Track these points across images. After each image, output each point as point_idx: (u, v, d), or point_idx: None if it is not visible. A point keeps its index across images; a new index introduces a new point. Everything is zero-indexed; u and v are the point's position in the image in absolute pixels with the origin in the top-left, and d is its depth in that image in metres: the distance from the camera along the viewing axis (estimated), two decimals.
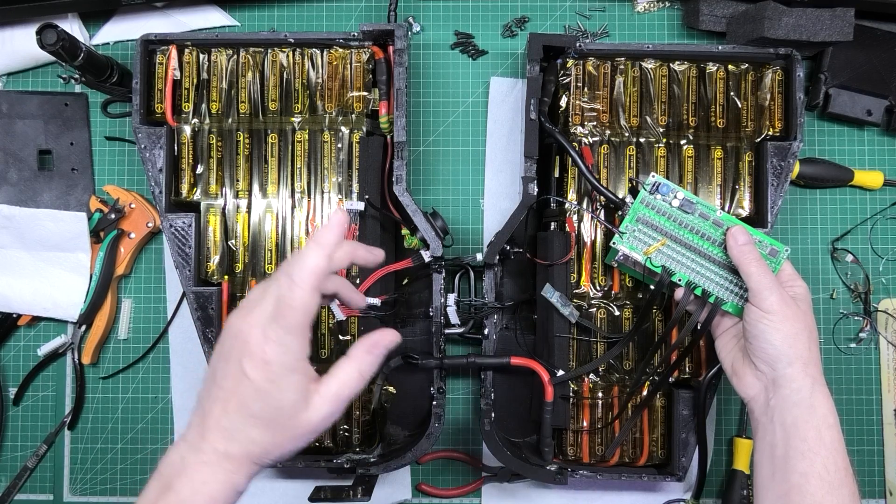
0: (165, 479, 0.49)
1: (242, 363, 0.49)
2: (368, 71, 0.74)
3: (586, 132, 0.73)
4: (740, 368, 0.64)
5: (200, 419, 0.50)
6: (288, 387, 0.49)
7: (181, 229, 0.73)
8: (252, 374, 0.48)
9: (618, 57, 0.74)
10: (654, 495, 0.80)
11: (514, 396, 0.76)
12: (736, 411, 0.81)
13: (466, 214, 0.82)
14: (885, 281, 0.81)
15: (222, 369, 0.50)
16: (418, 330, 0.79)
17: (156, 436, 0.82)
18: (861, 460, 0.80)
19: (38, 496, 0.82)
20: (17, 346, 0.83)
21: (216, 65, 0.74)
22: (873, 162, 0.82)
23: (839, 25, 0.73)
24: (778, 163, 0.72)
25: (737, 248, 0.64)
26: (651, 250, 0.68)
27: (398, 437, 0.79)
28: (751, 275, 0.62)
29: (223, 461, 0.48)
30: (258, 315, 0.49)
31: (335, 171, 0.74)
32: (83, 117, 0.82)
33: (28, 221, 0.78)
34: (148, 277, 0.83)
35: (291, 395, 0.49)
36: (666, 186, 0.68)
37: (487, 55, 0.82)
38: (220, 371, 0.50)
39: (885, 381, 0.81)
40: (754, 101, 0.74)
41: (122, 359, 0.82)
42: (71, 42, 0.71)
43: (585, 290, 0.74)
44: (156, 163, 0.73)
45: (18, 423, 0.83)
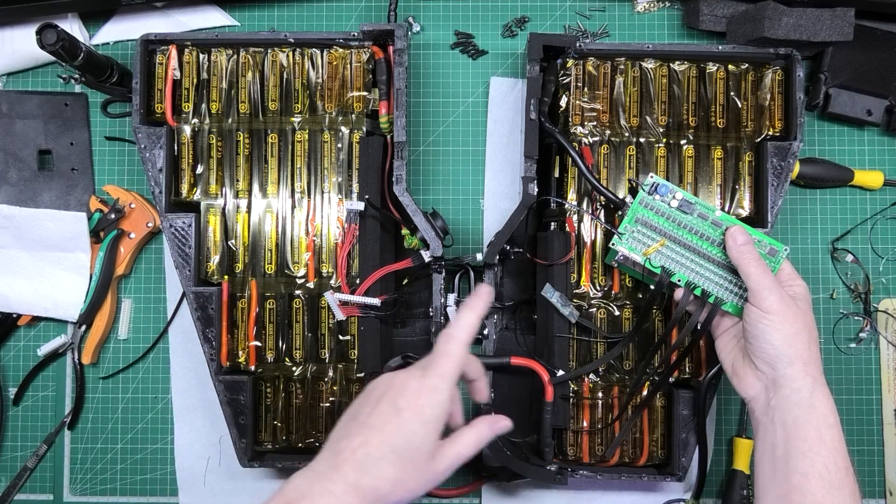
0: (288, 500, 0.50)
1: (397, 402, 0.53)
2: (368, 71, 0.74)
3: (586, 132, 0.73)
4: (740, 368, 0.64)
5: (333, 454, 0.52)
6: (432, 433, 0.53)
7: (181, 229, 0.73)
8: (405, 414, 0.52)
9: (618, 57, 0.74)
10: (654, 495, 0.80)
11: (514, 396, 0.76)
12: (736, 411, 0.81)
13: (466, 214, 0.82)
14: (885, 281, 0.81)
15: (370, 408, 0.54)
16: (418, 330, 0.79)
17: (156, 436, 0.82)
18: (861, 460, 0.80)
19: (38, 496, 0.82)
20: (17, 346, 0.83)
21: (216, 65, 0.74)
22: (873, 162, 0.82)
23: (839, 25, 0.73)
24: (778, 163, 0.72)
25: (735, 248, 0.64)
26: (650, 251, 0.68)
27: None
28: (750, 275, 0.62)
29: (350, 492, 0.50)
30: (412, 370, 0.55)
31: (335, 171, 0.74)
32: (83, 117, 0.82)
33: (28, 221, 0.78)
34: (148, 277, 0.83)
35: (430, 443, 0.53)
36: (664, 187, 0.68)
37: (487, 55, 0.82)
38: (366, 410, 0.54)
39: (885, 381, 0.81)
40: (754, 101, 0.74)
41: (122, 359, 0.82)
42: (71, 42, 0.71)
43: (585, 290, 0.74)
44: (156, 163, 0.73)
45: (18, 423, 0.83)
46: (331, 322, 0.74)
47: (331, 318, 0.74)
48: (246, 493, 0.81)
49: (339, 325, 0.74)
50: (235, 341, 0.74)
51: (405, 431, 0.52)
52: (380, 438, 0.52)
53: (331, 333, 0.74)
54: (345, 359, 0.75)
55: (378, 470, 0.51)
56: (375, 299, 0.71)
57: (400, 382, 0.54)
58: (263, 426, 0.75)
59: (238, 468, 0.74)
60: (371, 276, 0.71)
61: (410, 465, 0.52)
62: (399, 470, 0.52)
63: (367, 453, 0.52)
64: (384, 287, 0.72)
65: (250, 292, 0.73)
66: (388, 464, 0.51)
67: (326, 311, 0.74)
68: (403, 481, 0.52)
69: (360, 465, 0.51)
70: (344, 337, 0.74)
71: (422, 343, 0.78)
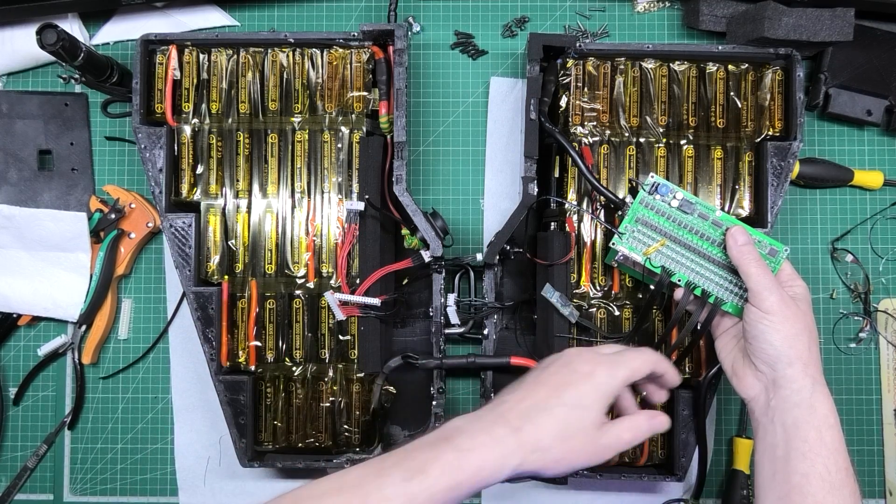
0: (445, 433, 0.51)
1: (573, 365, 0.55)
2: (368, 71, 0.74)
3: (586, 132, 0.73)
4: (740, 369, 0.64)
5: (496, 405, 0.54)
6: (601, 400, 0.54)
7: (181, 229, 0.73)
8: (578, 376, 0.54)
9: (618, 57, 0.74)
10: (654, 495, 0.80)
11: None
12: (736, 411, 0.81)
13: (466, 214, 0.82)
14: (885, 281, 0.81)
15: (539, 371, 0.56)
16: (418, 330, 0.79)
17: (156, 436, 0.82)
18: (861, 460, 0.80)
19: (38, 496, 0.82)
20: (17, 346, 0.83)
21: (216, 65, 0.74)
22: (873, 162, 0.82)
23: (839, 25, 0.73)
24: (778, 163, 0.72)
25: (736, 248, 0.64)
26: (650, 251, 0.68)
27: (398, 437, 0.79)
28: (750, 275, 0.62)
29: (510, 436, 0.51)
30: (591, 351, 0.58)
31: (335, 171, 0.74)
32: (83, 117, 0.82)
33: (28, 221, 0.78)
34: (148, 277, 0.83)
35: (598, 410, 0.54)
36: (665, 187, 0.68)
37: (487, 55, 0.82)
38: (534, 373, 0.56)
39: (885, 381, 0.81)
40: (754, 101, 0.74)
41: (122, 359, 0.82)
42: (71, 42, 0.71)
43: (585, 290, 0.74)
44: (156, 163, 0.73)
45: (18, 423, 0.83)
46: (331, 322, 0.74)
47: (331, 318, 0.74)
48: (246, 493, 0.81)
49: (339, 325, 0.74)
50: (235, 341, 0.74)
51: (577, 391, 0.53)
52: (548, 392, 0.53)
53: (331, 333, 0.74)
54: (345, 359, 0.75)
55: (542, 420, 0.52)
56: (375, 299, 0.71)
57: (575, 352, 0.57)
58: (263, 426, 0.75)
59: (238, 468, 0.74)
60: (371, 276, 0.71)
61: (576, 424, 0.52)
62: (562, 426, 0.52)
63: (534, 403, 0.52)
64: (384, 287, 0.72)
65: (250, 292, 0.73)
66: (552, 417, 0.52)
67: (326, 311, 0.74)
68: (566, 440, 0.52)
69: (524, 413, 0.52)
70: (344, 337, 0.74)
71: (422, 343, 0.78)
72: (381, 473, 0.49)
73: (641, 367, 0.57)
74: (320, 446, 0.75)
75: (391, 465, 0.50)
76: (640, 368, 0.57)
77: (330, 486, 0.49)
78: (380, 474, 0.49)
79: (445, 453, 0.50)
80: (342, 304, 0.72)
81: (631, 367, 0.56)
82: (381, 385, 0.74)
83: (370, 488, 0.48)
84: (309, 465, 0.73)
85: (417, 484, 0.48)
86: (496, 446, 0.51)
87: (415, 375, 0.77)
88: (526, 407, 0.52)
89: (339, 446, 0.75)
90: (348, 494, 0.48)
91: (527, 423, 0.52)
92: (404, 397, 0.78)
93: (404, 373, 0.76)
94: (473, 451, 0.50)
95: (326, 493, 0.48)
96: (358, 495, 0.48)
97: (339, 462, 0.73)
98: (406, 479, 0.48)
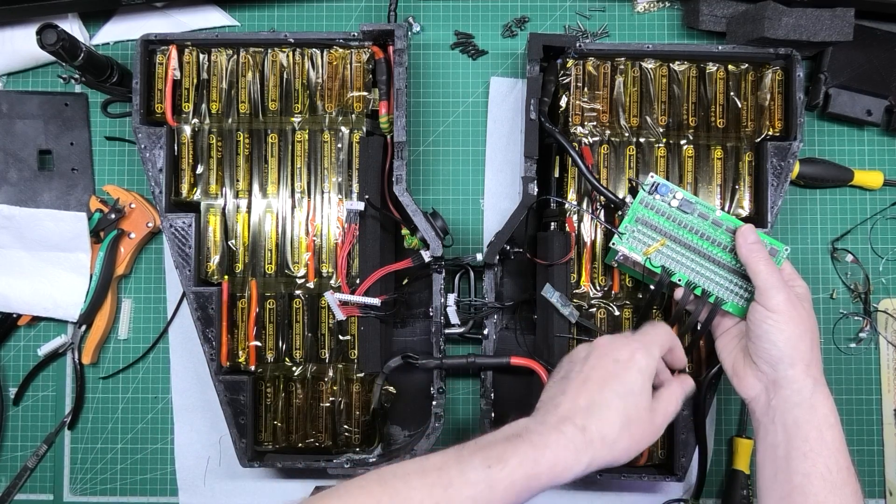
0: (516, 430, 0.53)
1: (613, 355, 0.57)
2: (368, 71, 0.74)
3: (586, 132, 0.73)
4: (741, 369, 0.64)
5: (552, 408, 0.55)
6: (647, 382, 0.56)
7: (181, 229, 0.73)
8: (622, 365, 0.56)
9: (618, 57, 0.74)
10: (654, 495, 0.80)
11: (514, 396, 0.76)
12: (736, 411, 0.81)
13: (466, 214, 0.82)
14: (885, 281, 0.81)
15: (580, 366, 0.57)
16: (418, 330, 0.79)
17: (156, 436, 0.82)
18: (861, 460, 0.80)
19: (38, 496, 0.82)
20: (17, 346, 0.83)
21: (216, 65, 0.74)
22: (873, 162, 0.82)
23: (839, 25, 0.73)
24: (778, 163, 0.72)
25: (746, 246, 0.64)
26: (650, 251, 0.68)
27: (398, 437, 0.79)
28: (759, 273, 0.61)
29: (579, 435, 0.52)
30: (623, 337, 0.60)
31: (335, 171, 0.74)
32: (83, 117, 0.82)
33: (28, 221, 0.78)
34: (148, 277, 0.83)
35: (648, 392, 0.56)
36: (665, 187, 0.68)
37: (487, 55, 0.82)
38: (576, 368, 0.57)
39: (885, 381, 0.81)
40: (754, 101, 0.74)
41: (122, 359, 0.82)
42: (71, 42, 0.71)
43: (585, 290, 0.74)
44: (156, 163, 0.73)
45: (18, 423, 0.83)
46: (331, 322, 0.74)
47: (331, 318, 0.74)
48: (246, 493, 0.81)
49: (339, 325, 0.74)
50: (235, 341, 0.74)
51: (626, 379, 0.55)
52: (598, 386, 0.55)
53: (331, 333, 0.74)
54: (345, 359, 0.75)
55: (604, 414, 0.53)
56: (375, 299, 0.71)
57: (608, 340, 0.59)
58: (263, 426, 0.75)
59: (238, 468, 0.74)
60: (371, 276, 0.71)
61: (634, 411, 0.54)
62: (624, 416, 0.54)
63: (591, 400, 0.54)
64: (384, 287, 0.72)
65: (250, 292, 0.73)
66: (613, 410, 0.54)
67: (326, 311, 0.74)
68: (628, 426, 0.54)
69: (585, 411, 0.53)
70: (344, 337, 0.74)
71: (422, 343, 0.78)
72: (461, 460, 0.51)
73: (666, 341, 0.61)
74: (320, 446, 0.75)
75: (469, 453, 0.51)
76: (666, 342, 0.60)
77: (413, 467, 0.51)
78: (460, 460, 0.51)
79: (522, 446, 0.51)
80: (342, 304, 0.72)
81: (659, 342, 0.60)
82: (381, 385, 0.74)
83: (453, 472, 0.50)
84: (309, 465, 0.73)
85: (498, 471, 0.50)
86: (569, 444, 0.52)
87: (415, 375, 0.76)
88: (584, 405, 0.54)
89: (339, 446, 0.75)
90: (433, 476, 0.50)
91: (590, 421, 0.53)
92: (404, 397, 0.78)
93: (404, 373, 0.76)
94: (548, 448, 0.51)
95: (410, 474, 0.50)
96: (443, 477, 0.50)
97: (339, 462, 0.73)
98: (487, 465, 0.50)
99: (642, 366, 0.56)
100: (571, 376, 0.57)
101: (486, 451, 0.51)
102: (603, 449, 0.53)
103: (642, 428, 0.55)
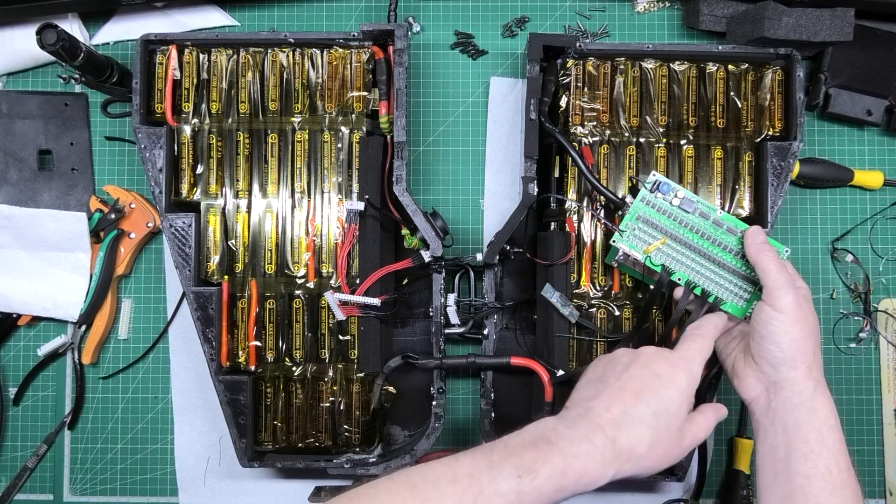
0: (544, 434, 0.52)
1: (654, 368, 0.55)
2: (368, 71, 0.74)
3: (586, 132, 0.73)
4: (741, 370, 0.64)
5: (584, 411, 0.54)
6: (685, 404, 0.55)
7: (181, 229, 0.73)
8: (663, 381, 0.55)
9: (618, 57, 0.74)
10: (654, 495, 0.80)
11: (514, 396, 0.76)
12: (736, 411, 0.81)
13: (466, 214, 0.82)
14: (885, 281, 0.81)
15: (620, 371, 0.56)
16: (418, 330, 0.79)
17: (156, 436, 0.82)
18: (861, 460, 0.80)
19: (38, 496, 0.82)
20: (17, 346, 0.83)
21: (216, 65, 0.74)
22: (873, 162, 0.82)
23: (839, 25, 0.73)
24: (778, 163, 0.72)
25: (755, 246, 0.63)
26: (651, 249, 0.68)
27: (398, 437, 0.79)
28: (769, 272, 0.61)
29: (608, 446, 0.52)
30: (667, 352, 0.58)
31: (335, 171, 0.74)
32: (83, 117, 0.82)
33: (28, 221, 0.78)
34: (148, 277, 0.83)
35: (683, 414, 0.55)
36: (667, 185, 0.68)
37: (487, 55, 0.82)
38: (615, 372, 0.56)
39: (885, 381, 0.81)
40: (754, 101, 0.74)
41: (122, 359, 0.82)
42: (71, 42, 0.71)
43: (585, 290, 0.74)
44: (156, 163, 0.73)
45: (18, 423, 0.83)
46: (331, 322, 0.74)
47: (331, 318, 0.74)
48: (246, 493, 0.81)
49: (339, 325, 0.74)
50: (235, 341, 0.74)
51: (663, 397, 0.54)
52: (634, 398, 0.53)
53: (331, 333, 0.74)
54: (345, 359, 0.75)
55: (635, 429, 0.52)
56: (375, 299, 0.71)
57: (652, 352, 0.57)
58: (263, 426, 0.75)
59: (238, 468, 0.74)
60: (371, 276, 0.71)
61: (665, 431, 0.54)
62: (654, 434, 0.53)
63: (625, 412, 0.53)
64: (384, 287, 0.72)
65: (250, 292, 0.73)
66: (645, 426, 0.53)
67: (326, 311, 0.74)
68: (657, 446, 0.53)
69: (617, 423, 0.52)
70: (344, 337, 0.74)
71: (422, 343, 0.78)
72: (491, 467, 0.50)
73: (710, 348, 0.60)
74: (320, 446, 0.75)
75: (499, 458, 0.50)
76: (710, 350, 0.60)
77: (443, 472, 0.50)
78: (490, 467, 0.50)
79: (553, 456, 0.50)
80: (342, 304, 0.72)
81: (703, 356, 0.59)
82: (381, 385, 0.74)
83: (483, 481, 0.49)
84: (309, 465, 0.73)
85: (529, 482, 0.49)
86: (597, 455, 0.51)
87: (415, 375, 0.77)
88: (617, 415, 0.53)
89: (339, 446, 0.75)
90: (464, 483, 0.49)
91: (621, 433, 0.52)
92: (404, 397, 0.78)
93: (404, 373, 0.76)
94: (577, 458, 0.51)
95: (440, 479, 0.49)
96: (473, 486, 0.49)
97: (339, 462, 0.73)
98: (517, 476, 0.49)
99: (682, 386, 0.56)
100: (609, 381, 0.56)
101: (516, 457, 0.50)
102: (629, 462, 0.52)
103: (670, 448, 0.55)
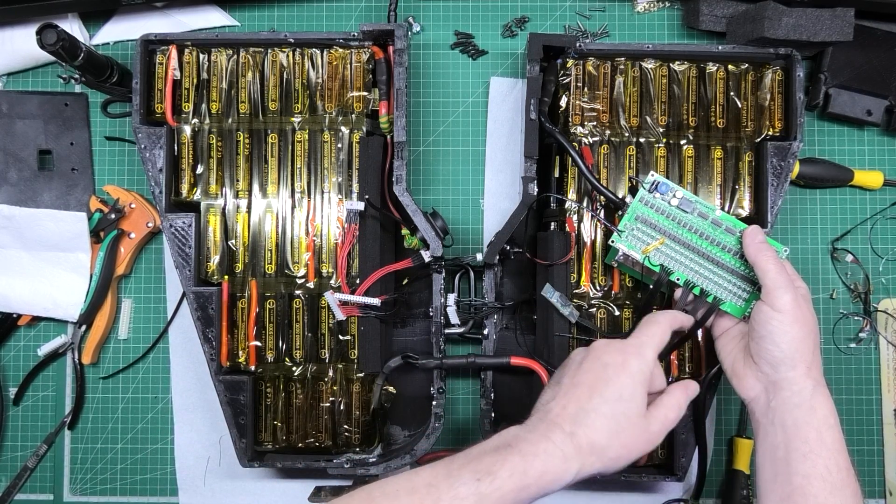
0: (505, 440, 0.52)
1: (602, 359, 0.56)
2: (368, 71, 0.74)
3: (586, 132, 0.73)
4: (741, 370, 0.64)
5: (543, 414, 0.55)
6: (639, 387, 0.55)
7: (181, 229, 0.73)
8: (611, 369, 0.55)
9: (618, 57, 0.74)
10: (654, 495, 0.80)
11: (514, 396, 0.76)
12: (736, 411, 0.81)
13: (466, 214, 0.82)
14: (885, 281, 0.81)
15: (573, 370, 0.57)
16: (418, 330, 0.79)
17: (156, 436, 0.82)
18: (861, 460, 0.80)
19: (38, 496, 0.82)
20: (17, 346, 0.83)
21: (216, 65, 0.74)
22: (873, 162, 0.82)
23: (839, 25, 0.73)
24: (778, 163, 0.72)
25: (754, 245, 0.63)
26: (650, 249, 0.68)
27: (398, 437, 0.79)
28: (768, 272, 0.61)
29: (567, 442, 0.52)
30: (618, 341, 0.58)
31: (335, 171, 0.74)
32: (83, 117, 0.82)
33: (28, 221, 0.78)
34: (148, 277, 0.83)
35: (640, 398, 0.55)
36: (665, 185, 0.68)
37: (487, 55, 0.82)
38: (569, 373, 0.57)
39: (885, 381, 0.81)
40: (754, 101, 0.74)
41: (122, 359, 0.82)
42: (71, 42, 0.71)
43: (585, 290, 0.74)
44: (156, 163, 0.73)
45: (18, 423, 0.83)
46: (331, 322, 0.74)
47: (331, 318, 0.74)
48: (246, 493, 0.81)
49: (339, 325, 0.74)
50: (235, 341, 0.74)
51: (616, 384, 0.54)
52: (588, 391, 0.54)
53: (331, 333, 0.74)
54: (345, 359, 0.75)
55: (591, 421, 0.53)
56: (375, 299, 0.71)
57: (603, 344, 0.58)
58: (263, 426, 0.75)
59: (238, 468, 0.74)
60: (371, 276, 0.71)
61: (624, 418, 0.54)
62: (612, 423, 0.53)
63: (579, 407, 0.53)
64: (384, 287, 0.72)
65: (250, 292, 0.73)
66: (601, 416, 0.53)
67: (326, 311, 0.74)
68: (619, 434, 0.53)
69: (573, 418, 0.53)
70: (344, 337, 0.74)
71: (422, 343, 0.78)
72: (450, 474, 0.50)
73: (664, 336, 0.60)
74: (320, 446, 0.75)
75: (458, 466, 0.51)
76: (664, 338, 0.60)
77: (401, 485, 0.51)
78: (449, 475, 0.50)
79: (511, 456, 0.51)
80: (342, 304, 0.72)
81: (656, 342, 0.59)
82: (381, 385, 0.74)
83: (442, 488, 0.49)
84: (309, 465, 0.73)
85: (488, 484, 0.49)
86: (556, 451, 0.52)
87: (415, 375, 0.77)
88: (573, 411, 0.53)
89: (339, 446, 0.75)
90: (422, 493, 0.49)
91: (578, 427, 0.53)
92: (404, 397, 0.78)
93: (404, 373, 0.76)
94: (538, 457, 0.51)
95: (399, 492, 0.50)
96: (431, 494, 0.49)
97: (338, 462, 0.73)
98: (476, 479, 0.50)
99: (633, 370, 0.55)
100: (564, 381, 0.56)
101: (475, 463, 0.51)
102: (592, 456, 0.52)
103: (634, 435, 0.54)
